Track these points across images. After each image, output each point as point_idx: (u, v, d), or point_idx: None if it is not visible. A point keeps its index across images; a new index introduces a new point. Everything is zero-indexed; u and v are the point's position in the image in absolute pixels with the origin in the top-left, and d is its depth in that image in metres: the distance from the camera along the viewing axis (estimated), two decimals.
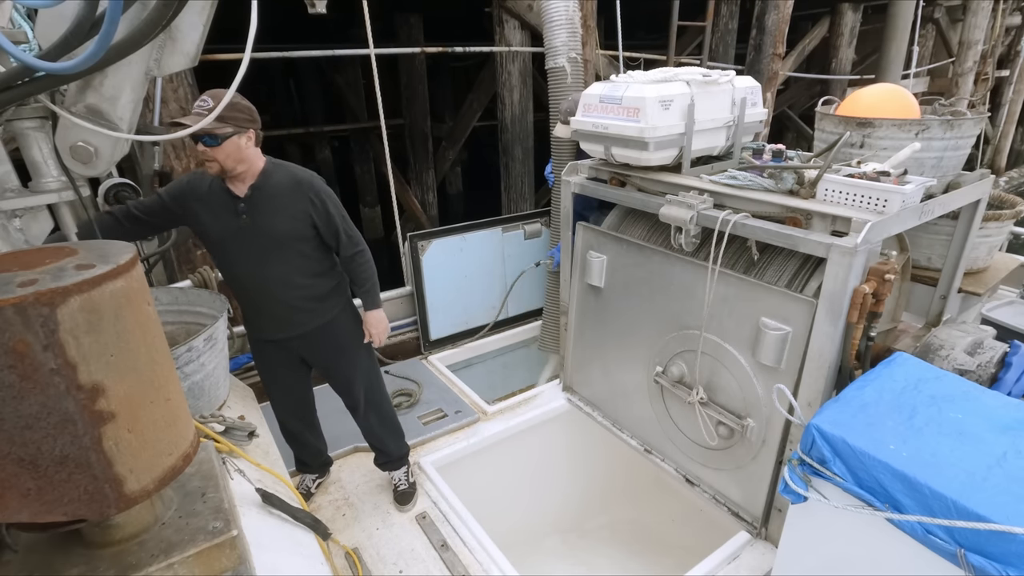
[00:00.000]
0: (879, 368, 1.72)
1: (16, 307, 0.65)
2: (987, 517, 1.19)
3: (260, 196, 1.89)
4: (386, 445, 2.41)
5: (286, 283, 1.98)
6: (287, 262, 1.96)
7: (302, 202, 1.93)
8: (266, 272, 1.95)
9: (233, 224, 1.89)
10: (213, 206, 1.89)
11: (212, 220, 1.91)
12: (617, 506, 2.98)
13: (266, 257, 1.93)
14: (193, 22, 1.59)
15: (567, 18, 3.13)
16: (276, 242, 1.92)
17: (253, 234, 1.90)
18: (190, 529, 0.85)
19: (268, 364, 2.19)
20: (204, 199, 1.90)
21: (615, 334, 2.67)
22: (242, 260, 1.94)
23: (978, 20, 8.74)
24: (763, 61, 6.17)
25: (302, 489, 2.44)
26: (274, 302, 2.00)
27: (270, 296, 1.99)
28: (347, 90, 9.51)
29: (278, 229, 1.91)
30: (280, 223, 1.91)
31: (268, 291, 1.98)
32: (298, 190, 1.93)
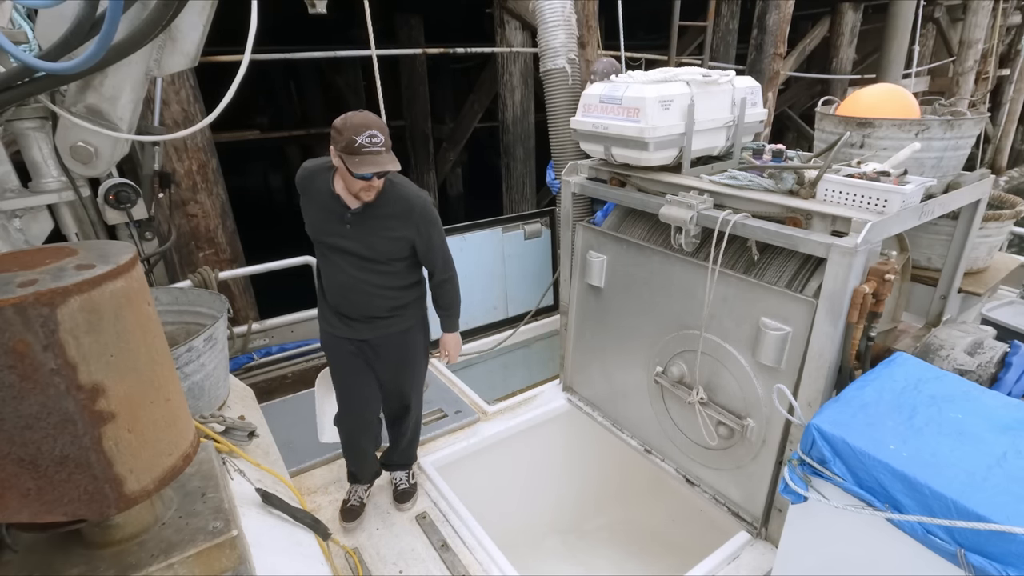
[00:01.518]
0: (879, 368, 1.72)
1: (16, 307, 0.65)
2: (987, 517, 1.19)
3: (369, 214, 1.93)
4: (406, 452, 2.44)
5: (372, 290, 2.03)
6: (377, 272, 2.01)
7: (408, 228, 1.97)
8: (355, 275, 2.01)
9: (336, 228, 1.95)
10: (322, 205, 1.95)
11: (317, 216, 1.98)
12: (617, 506, 2.98)
13: (359, 264, 1.99)
14: (193, 22, 1.59)
15: (564, 19, 3.13)
16: (372, 256, 1.98)
17: (352, 243, 1.95)
18: (190, 529, 0.85)
19: (337, 359, 2.21)
20: (315, 195, 1.97)
21: (615, 334, 2.67)
22: (336, 258, 2.00)
23: (978, 19, 8.74)
24: (764, 61, 6.18)
25: (354, 501, 2.38)
26: (356, 304, 2.06)
27: (354, 298, 2.05)
28: (348, 91, 9.52)
29: (377, 248, 1.96)
30: (380, 243, 1.96)
31: (354, 293, 2.04)
32: (407, 216, 1.96)
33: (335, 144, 1.78)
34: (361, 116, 1.76)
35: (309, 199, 1.99)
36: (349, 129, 1.72)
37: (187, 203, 3.37)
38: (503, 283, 3.93)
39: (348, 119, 1.76)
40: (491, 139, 10.68)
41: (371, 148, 1.73)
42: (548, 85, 3.27)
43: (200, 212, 3.43)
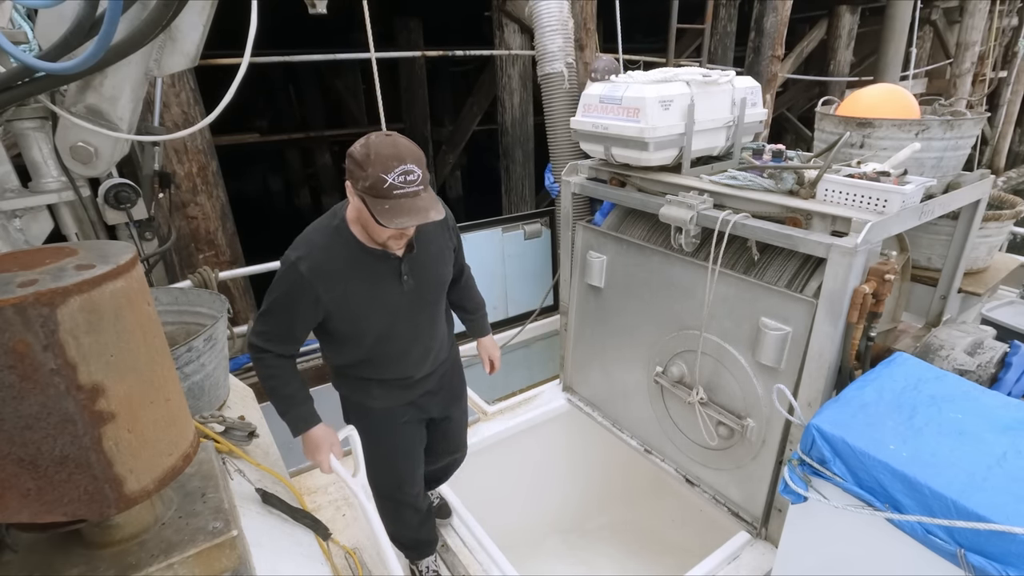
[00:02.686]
0: (879, 368, 1.72)
1: (16, 307, 0.65)
2: (987, 517, 1.19)
3: (418, 249, 1.55)
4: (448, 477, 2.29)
5: (430, 331, 1.71)
6: (435, 307, 1.70)
7: (446, 239, 1.66)
8: (416, 323, 1.65)
9: (395, 290, 1.54)
10: (367, 277, 1.50)
11: (368, 293, 1.51)
12: (617, 506, 2.97)
13: (415, 312, 1.63)
14: (193, 22, 1.59)
15: (561, 22, 3.13)
16: (430, 295, 1.64)
17: (416, 292, 1.58)
18: (190, 529, 0.85)
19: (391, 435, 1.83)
20: (351, 274, 1.48)
21: (615, 334, 2.67)
22: (397, 321, 1.60)
23: (975, 21, 8.76)
24: (762, 63, 6.19)
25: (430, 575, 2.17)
26: (418, 359, 1.73)
27: (417, 353, 1.71)
28: (347, 94, 9.54)
29: (436, 282, 1.64)
30: (438, 275, 1.64)
31: (416, 347, 1.69)
32: (443, 226, 1.63)
33: (354, 180, 1.32)
34: (390, 144, 1.31)
35: (329, 283, 1.46)
36: (376, 163, 1.28)
37: (187, 205, 3.37)
38: (503, 283, 3.93)
39: (373, 148, 1.30)
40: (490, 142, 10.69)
41: (406, 189, 1.30)
42: (546, 89, 3.27)
43: (200, 214, 3.43)
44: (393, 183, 1.29)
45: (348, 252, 1.47)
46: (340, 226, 1.48)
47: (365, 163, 1.30)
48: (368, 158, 1.30)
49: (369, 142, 1.32)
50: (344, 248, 1.47)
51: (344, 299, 1.49)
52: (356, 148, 1.34)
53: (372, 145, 1.31)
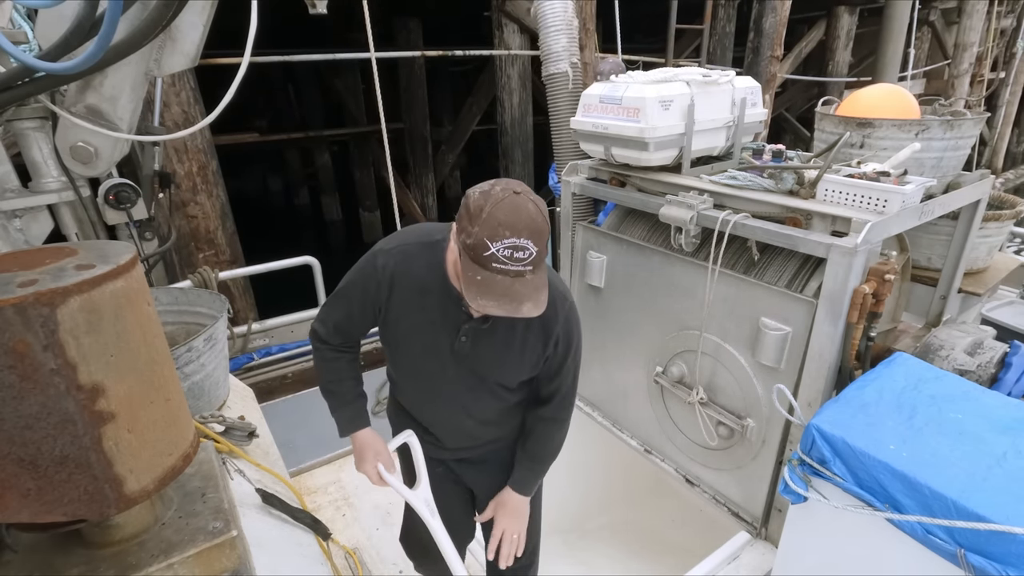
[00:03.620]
0: (879, 368, 1.72)
1: (16, 307, 0.65)
2: (987, 517, 1.19)
3: (497, 326, 1.34)
4: None
5: (478, 416, 1.52)
6: (492, 396, 1.48)
7: (538, 339, 1.38)
8: (456, 393, 1.47)
9: (444, 341, 1.37)
10: (430, 308, 1.35)
11: (420, 326, 1.37)
12: (617, 506, 2.97)
13: (465, 386, 1.44)
14: (193, 22, 1.59)
15: (566, 22, 3.12)
16: (488, 379, 1.43)
17: (469, 362, 1.39)
18: (190, 529, 0.85)
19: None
20: (409, 287, 1.34)
21: (615, 334, 2.67)
22: (437, 375, 1.44)
23: (973, 22, 8.77)
24: (761, 63, 6.20)
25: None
26: (452, 433, 1.57)
27: (451, 426, 1.55)
28: (346, 95, 9.54)
29: (499, 370, 1.41)
30: (507, 365, 1.40)
31: (452, 419, 1.53)
32: (548, 328, 1.37)
33: (459, 228, 1.15)
34: (511, 207, 1.09)
35: (398, 293, 1.34)
36: (486, 224, 1.08)
37: (187, 204, 3.37)
38: None
39: (490, 204, 1.10)
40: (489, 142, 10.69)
41: (508, 267, 1.09)
42: (550, 89, 3.27)
43: (200, 213, 3.43)
44: (496, 254, 1.08)
45: (429, 275, 1.32)
46: (437, 246, 1.33)
47: (475, 217, 1.10)
48: (480, 213, 1.09)
49: (491, 195, 1.11)
50: (427, 269, 1.32)
51: (398, 315, 1.37)
52: (474, 194, 1.14)
53: (491, 199, 1.10)
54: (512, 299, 1.11)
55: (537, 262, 1.13)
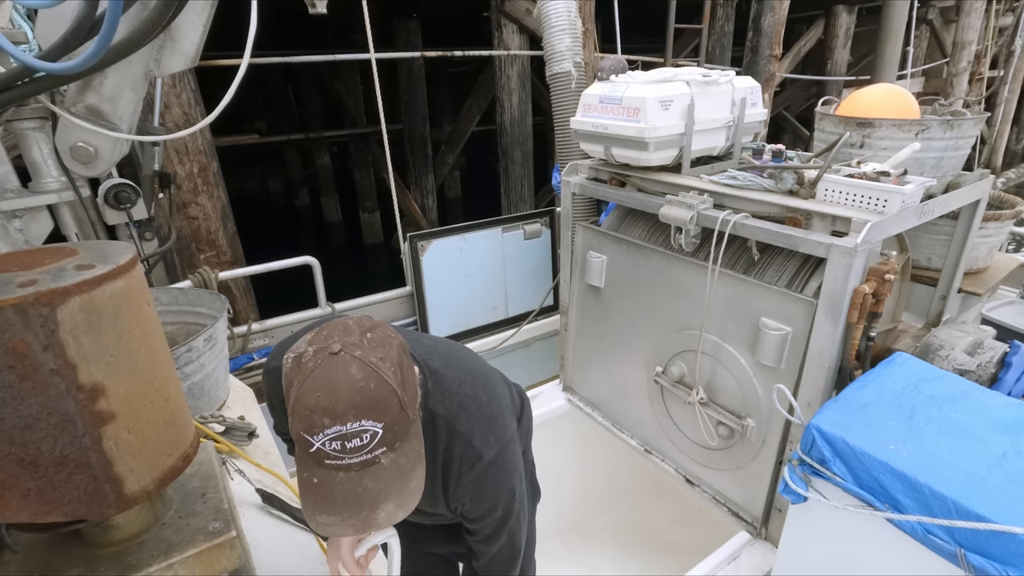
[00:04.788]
0: (879, 368, 1.72)
1: (16, 307, 0.65)
2: (987, 517, 1.19)
3: None
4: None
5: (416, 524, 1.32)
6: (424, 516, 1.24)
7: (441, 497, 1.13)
8: None
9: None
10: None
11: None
12: (617, 506, 2.97)
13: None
14: (193, 22, 1.59)
15: (569, 22, 3.13)
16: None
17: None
18: (190, 529, 0.85)
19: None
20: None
21: (615, 334, 2.67)
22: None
23: (971, 21, 8.79)
24: (760, 63, 6.20)
25: None
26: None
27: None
28: (346, 95, 9.54)
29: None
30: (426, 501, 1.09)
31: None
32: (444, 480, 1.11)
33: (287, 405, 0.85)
34: (321, 382, 0.80)
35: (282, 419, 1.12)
36: (296, 413, 0.82)
37: (188, 205, 3.37)
38: (503, 283, 3.93)
39: (300, 379, 0.82)
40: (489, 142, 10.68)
41: (345, 461, 0.83)
42: (554, 89, 3.27)
43: (201, 214, 3.44)
44: (323, 449, 0.81)
45: None
46: None
47: (287, 402, 0.83)
48: (289, 399, 0.82)
49: (301, 365, 0.82)
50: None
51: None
52: (288, 363, 0.84)
53: (300, 373, 0.81)
54: (359, 505, 0.82)
55: (389, 440, 0.83)
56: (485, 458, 1.07)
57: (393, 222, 4.11)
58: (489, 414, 1.13)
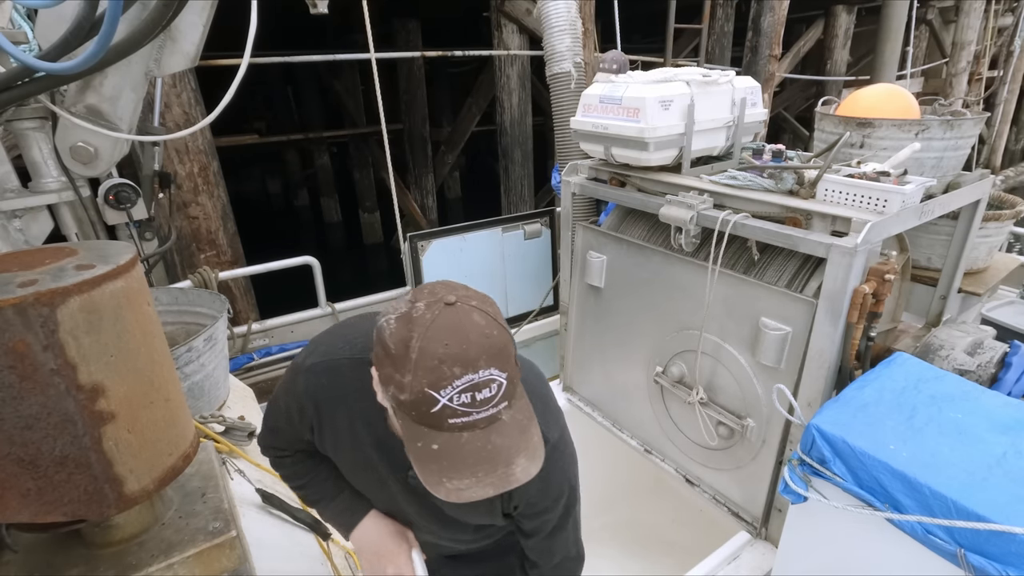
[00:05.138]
0: (879, 368, 1.72)
1: (16, 307, 0.65)
2: (987, 517, 1.19)
3: None
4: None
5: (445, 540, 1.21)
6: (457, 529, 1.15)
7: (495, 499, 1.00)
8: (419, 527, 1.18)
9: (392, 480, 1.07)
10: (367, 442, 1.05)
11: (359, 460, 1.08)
12: (617, 506, 2.97)
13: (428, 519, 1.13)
14: (193, 22, 1.59)
15: (569, 22, 3.13)
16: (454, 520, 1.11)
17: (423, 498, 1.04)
18: (190, 529, 0.85)
19: None
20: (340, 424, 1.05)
21: (615, 334, 2.67)
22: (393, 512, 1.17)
23: (970, 21, 8.79)
24: (759, 63, 6.20)
25: None
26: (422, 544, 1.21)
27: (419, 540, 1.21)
28: (346, 96, 9.54)
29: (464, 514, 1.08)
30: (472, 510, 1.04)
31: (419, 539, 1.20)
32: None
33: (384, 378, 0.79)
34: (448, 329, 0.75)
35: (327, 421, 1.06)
36: (421, 366, 0.74)
37: (188, 205, 3.37)
38: (503, 283, 3.93)
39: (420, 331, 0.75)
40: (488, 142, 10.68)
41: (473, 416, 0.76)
42: (554, 89, 3.27)
43: (201, 214, 3.44)
44: (449, 406, 0.74)
45: (363, 403, 0.98)
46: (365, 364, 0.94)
47: (401, 361, 0.75)
48: (408, 353, 0.75)
49: (414, 319, 0.76)
50: (360, 395, 0.98)
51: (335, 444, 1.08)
52: (390, 324, 0.78)
53: (417, 326, 0.75)
54: (494, 462, 0.77)
55: (511, 392, 0.78)
56: (550, 440, 0.97)
57: (392, 222, 4.11)
58: (543, 393, 1.07)
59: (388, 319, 0.80)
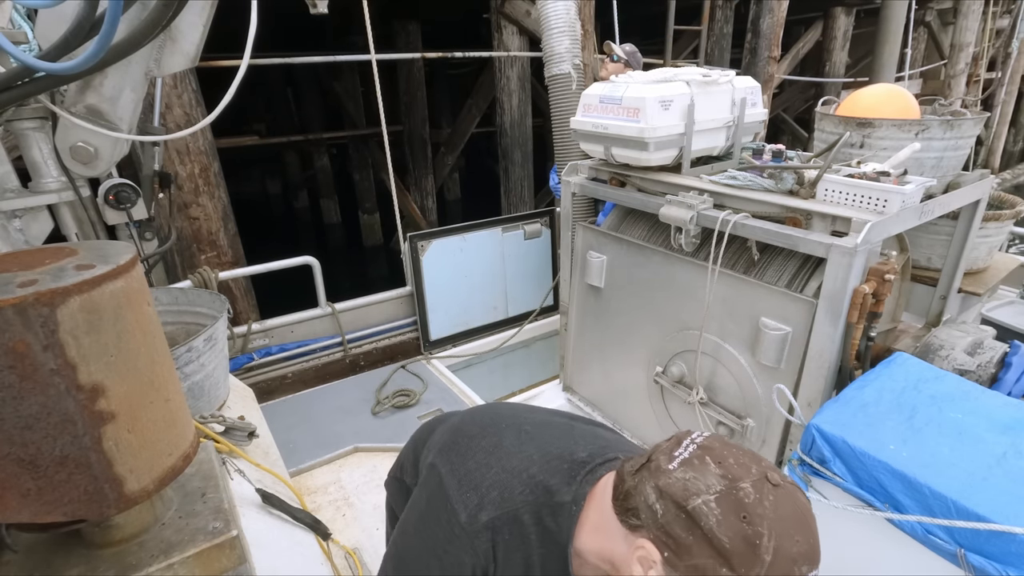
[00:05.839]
0: (879, 368, 1.72)
1: (16, 307, 0.65)
2: (987, 517, 1.19)
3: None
4: None
5: None
6: None
7: None
8: None
9: None
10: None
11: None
12: None
13: None
14: (193, 22, 1.59)
15: (568, 24, 3.13)
16: None
17: None
18: (190, 529, 0.85)
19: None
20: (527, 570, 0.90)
21: (615, 334, 2.67)
22: None
23: (969, 23, 8.81)
24: (759, 64, 6.20)
25: None
26: None
27: None
28: (345, 97, 9.54)
29: None
30: None
31: None
32: None
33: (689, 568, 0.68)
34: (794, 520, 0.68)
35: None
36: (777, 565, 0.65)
37: (189, 206, 3.37)
38: (503, 283, 3.93)
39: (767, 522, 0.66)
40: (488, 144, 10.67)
41: None
42: (553, 90, 3.27)
43: (202, 215, 3.44)
44: None
45: (541, 551, 0.89)
46: (563, 511, 0.87)
47: (745, 561, 0.65)
48: (757, 547, 0.65)
49: (746, 507, 0.67)
50: (539, 543, 0.88)
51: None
52: (712, 511, 0.67)
53: (756, 514, 0.66)
54: None
55: None
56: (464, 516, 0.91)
57: (392, 224, 4.11)
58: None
59: (707, 502, 0.67)
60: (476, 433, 1.01)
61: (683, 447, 0.75)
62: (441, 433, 1.09)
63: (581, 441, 0.97)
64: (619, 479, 0.79)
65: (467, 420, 1.08)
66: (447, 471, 0.95)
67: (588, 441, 0.98)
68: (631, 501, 0.75)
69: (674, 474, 0.71)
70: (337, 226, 11.47)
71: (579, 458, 0.92)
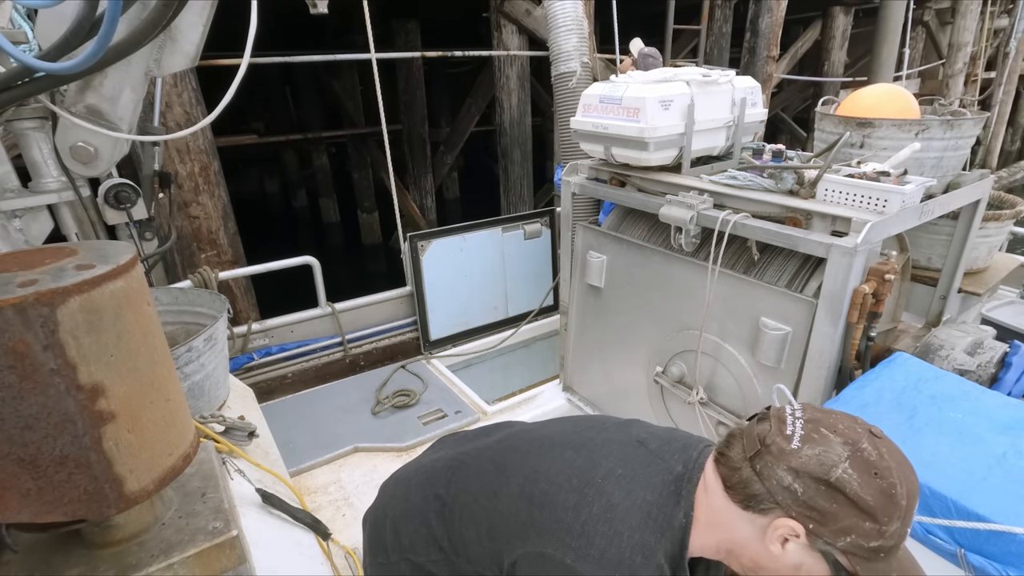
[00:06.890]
0: (879, 368, 1.72)
1: (16, 307, 0.65)
2: (987, 517, 1.19)
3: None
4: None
5: None
6: None
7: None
8: None
9: None
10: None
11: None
12: None
13: None
14: (193, 22, 1.59)
15: (576, 21, 3.12)
16: None
17: None
18: (190, 529, 0.85)
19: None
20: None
21: (615, 334, 2.67)
22: None
23: (967, 22, 8.81)
24: (757, 64, 6.20)
25: None
26: None
27: None
28: (344, 96, 9.53)
29: None
30: None
31: None
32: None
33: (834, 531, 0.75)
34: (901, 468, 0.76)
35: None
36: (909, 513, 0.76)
37: (189, 205, 3.37)
38: (503, 283, 3.93)
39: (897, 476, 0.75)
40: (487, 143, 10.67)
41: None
42: (559, 89, 3.26)
43: (202, 214, 3.44)
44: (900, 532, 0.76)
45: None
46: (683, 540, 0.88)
47: (886, 510, 0.73)
48: (893, 500, 0.73)
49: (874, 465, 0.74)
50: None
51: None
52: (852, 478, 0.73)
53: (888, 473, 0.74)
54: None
55: None
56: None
57: (391, 223, 4.11)
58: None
59: (845, 471, 0.74)
60: (577, 502, 0.91)
61: (791, 425, 0.80)
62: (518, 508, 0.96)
63: (666, 454, 0.96)
64: (727, 471, 0.83)
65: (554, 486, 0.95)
66: (574, 558, 0.86)
67: (672, 450, 0.97)
68: (753, 487, 0.79)
69: (803, 452, 0.77)
70: (336, 225, 11.46)
71: (677, 472, 0.93)
